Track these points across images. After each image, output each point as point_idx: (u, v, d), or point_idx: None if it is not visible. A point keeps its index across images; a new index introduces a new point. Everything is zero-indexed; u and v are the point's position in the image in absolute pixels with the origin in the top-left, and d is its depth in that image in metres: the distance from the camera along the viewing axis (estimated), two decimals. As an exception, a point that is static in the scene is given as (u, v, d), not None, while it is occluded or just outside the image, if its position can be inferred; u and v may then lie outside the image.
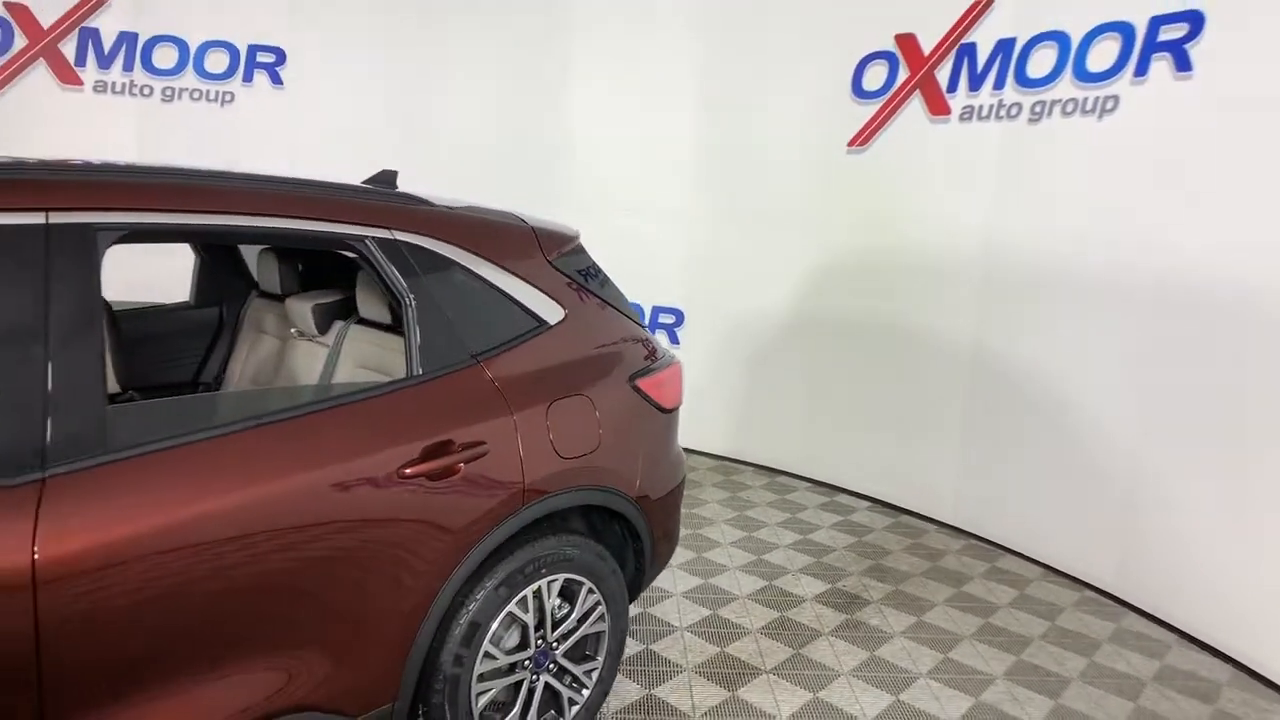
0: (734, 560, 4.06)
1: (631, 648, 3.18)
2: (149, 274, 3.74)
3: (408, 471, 2.00)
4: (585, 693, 2.59)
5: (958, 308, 4.42)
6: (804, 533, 4.46)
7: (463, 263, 2.30)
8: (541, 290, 2.49)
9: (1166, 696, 3.08)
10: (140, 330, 2.95)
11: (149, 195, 1.77)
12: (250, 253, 3.16)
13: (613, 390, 2.58)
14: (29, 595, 1.46)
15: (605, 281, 2.77)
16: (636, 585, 2.82)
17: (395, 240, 2.16)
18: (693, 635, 3.34)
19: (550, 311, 2.49)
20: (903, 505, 4.84)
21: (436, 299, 2.21)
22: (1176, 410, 3.54)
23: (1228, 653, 3.37)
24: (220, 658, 1.75)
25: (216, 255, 3.20)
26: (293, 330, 2.78)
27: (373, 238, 2.12)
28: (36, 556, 1.47)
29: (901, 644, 3.35)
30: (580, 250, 2.73)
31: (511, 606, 2.30)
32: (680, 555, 4.05)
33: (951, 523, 4.59)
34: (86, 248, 1.64)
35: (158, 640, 1.65)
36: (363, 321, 2.61)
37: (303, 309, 2.67)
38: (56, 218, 1.61)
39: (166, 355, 3.04)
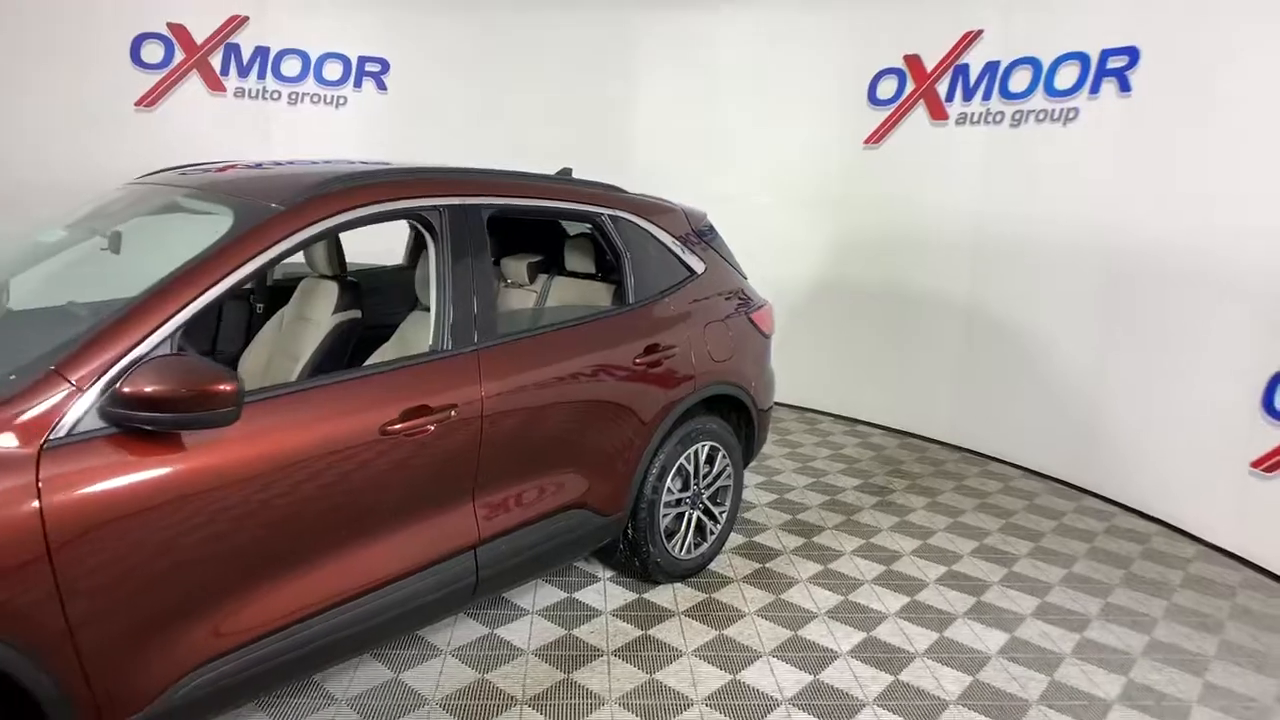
0: (786, 467, 5.26)
1: (731, 514, 4.36)
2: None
3: (637, 361, 3.17)
4: (718, 527, 3.77)
5: (954, 271, 5.64)
6: (835, 449, 5.68)
7: (650, 231, 3.46)
8: (692, 251, 3.66)
9: (1114, 540, 4.34)
10: (379, 280, 4.06)
11: (500, 188, 2.92)
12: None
13: (736, 319, 3.75)
14: (479, 414, 2.61)
15: (723, 246, 3.94)
16: (745, 460, 4.00)
17: (616, 216, 3.32)
18: (770, 509, 4.54)
19: (697, 265, 3.66)
20: (910, 430, 6.07)
21: (638, 254, 3.37)
22: (1123, 341, 4.79)
23: (1159, 517, 4.64)
24: (552, 465, 2.92)
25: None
26: (507, 280, 3.91)
27: (605, 214, 3.28)
28: (482, 393, 2.62)
29: (922, 514, 4.57)
30: (708, 224, 3.90)
31: (681, 459, 3.48)
32: (745, 463, 5.23)
33: (949, 441, 5.83)
34: (477, 219, 2.78)
35: (523, 446, 2.81)
36: (563, 273, 3.75)
37: (519, 265, 3.81)
38: (466, 201, 2.75)
39: (395, 297, 4.13)
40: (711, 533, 3.74)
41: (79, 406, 1.85)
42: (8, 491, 1.73)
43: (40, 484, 1.76)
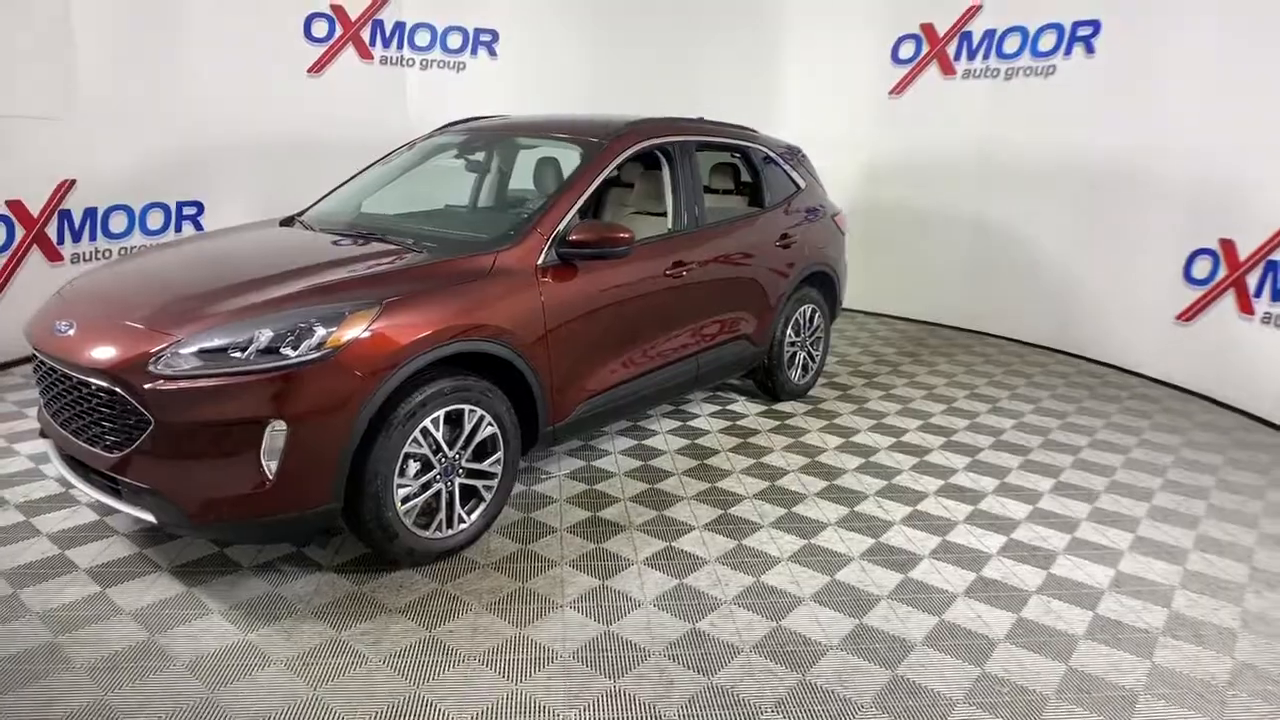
0: (839, 344, 6.99)
1: (812, 366, 6.09)
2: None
3: (776, 244, 4.86)
4: (815, 364, 5.49)
5: (963, 191, 7.33)
6: (872, 333, 7.43)
7: (773, 157, 5.12)
8: (795, 171, 5.31)
9: (1082, 377, 6.15)
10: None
11: (700, 131, 4.57)
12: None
13: (825, 220, 5.43)
14: (703, 271, 4.28)
15: (813, 169, 5.59)
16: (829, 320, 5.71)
17: (755, 147, 4.98)
18: (837, 366, 6.27)
19: (800, 182, 5.32)
20: (926, 319, 7.83)
21: (768, 173, 5.03)
22: (1087, 238, 6.53)
23: (1111, 362, 6.45)
24: (733, 308, 4.59)
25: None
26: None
27: (749, 146, 4.94)
28: (704, 257, 4.28)
29: (945, 365, 6.34)
30: (803, 154, 5.55)
31: (795, 315, 5.18)
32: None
33: (961, 326, 7.60)
34: (693, 150, 4.43)
35: (721, 293, 4.47)
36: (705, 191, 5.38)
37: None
38: (687, 139, 4.39)
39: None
40: (810, 368, 5.46)
41: (547, 247, 3.49)
42: (530, 291, 3.37)
43: (540, 288, 3.41)
